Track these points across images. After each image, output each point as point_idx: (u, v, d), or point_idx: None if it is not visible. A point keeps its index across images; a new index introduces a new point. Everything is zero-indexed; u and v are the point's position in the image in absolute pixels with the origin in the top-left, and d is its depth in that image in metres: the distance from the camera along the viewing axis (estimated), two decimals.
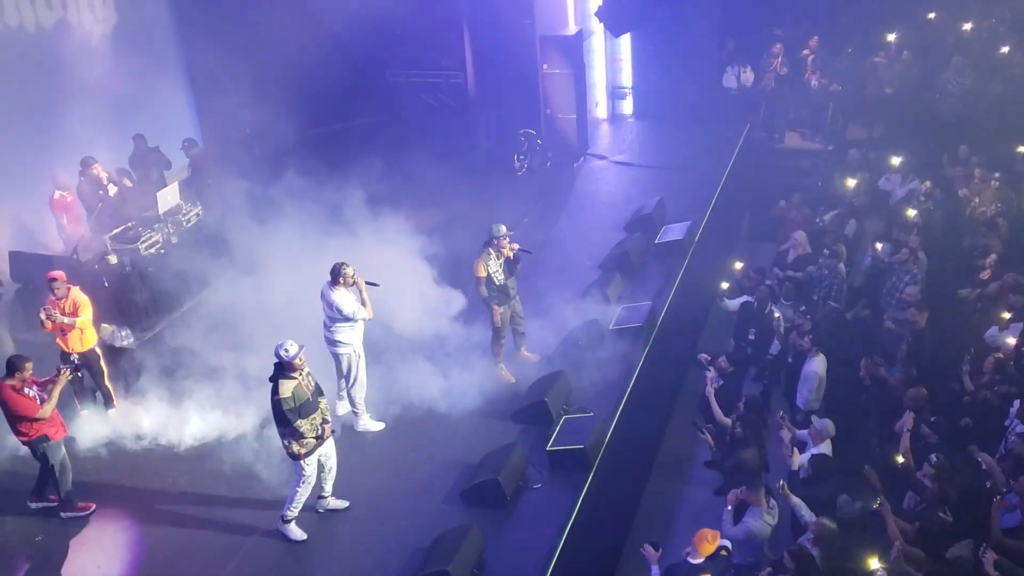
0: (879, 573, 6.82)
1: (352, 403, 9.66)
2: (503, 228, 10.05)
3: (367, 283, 9.32)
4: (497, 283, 9.99)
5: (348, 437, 9.58)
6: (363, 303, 9.17)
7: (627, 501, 9.77)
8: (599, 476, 8.94)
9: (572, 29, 16.30)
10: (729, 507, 7.95)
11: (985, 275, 10.81)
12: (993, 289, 10.51)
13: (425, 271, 10.89)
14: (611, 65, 18.29)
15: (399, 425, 9.72)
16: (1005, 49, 15.21)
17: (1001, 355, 9.25)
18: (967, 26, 15.82)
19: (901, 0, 16.70)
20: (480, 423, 9.71)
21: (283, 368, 7.75)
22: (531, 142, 15.99)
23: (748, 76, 17.24)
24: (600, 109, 18.38)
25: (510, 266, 10.08)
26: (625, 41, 17.87)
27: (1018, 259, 10.94)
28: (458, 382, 10.02)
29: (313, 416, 7.88)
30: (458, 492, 8.75)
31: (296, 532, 8.28)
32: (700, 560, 7.16)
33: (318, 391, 8.01)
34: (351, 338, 9.28)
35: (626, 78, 18.42)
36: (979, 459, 8.12)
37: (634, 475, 10.10)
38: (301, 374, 7.81)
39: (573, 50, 16.01)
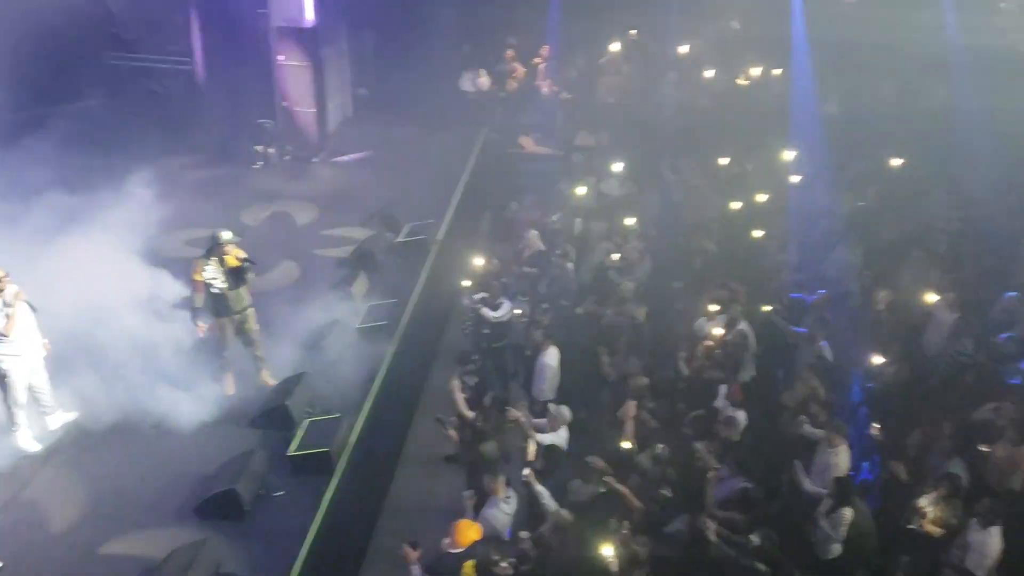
0: (611, 560, 7.28)
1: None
2: (227, 234, 9.48)
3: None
4: (215, 291, 9.45)
5: (63, 454, 8.72)
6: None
7: (373, 501, 9.68)
8: (345, 478, 8.78)
9: (310, 21, 15.91)
10: (468, 501, 8.10)
11: (695, 274, 11.85)
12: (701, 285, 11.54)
13: (148, 270, 10.14)
14: (353, 60, 18.07)
15: (118, 438, 8.98)
16: (711, 73, 16.78)
17: (710, 343, 10.20)
18: (683, 49, 17.29)
19: (623, 15, 17.89)
20: (215, 431, 9.22)
21: None
22: (270, 134, 15.46)
23: (484, 80, 17.73)
24: (341, 104, 18.09)
25: (235, 276, 9.51)
26: (366, 37, 17.75)
27: (727, 258, 12.08)
28: (188, 388, 9.43)
29: None
30: (191, 506, 8.23)
31: None
32: (461, 550, 7.24)
33: None
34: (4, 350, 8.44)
35: (368, 74, 18.28)
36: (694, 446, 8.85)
37: (380, 474, 10.03)
38: None
39: (310, 43, 15.64)
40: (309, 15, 15.87)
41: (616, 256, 11.88)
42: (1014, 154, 13.73)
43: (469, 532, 7.31)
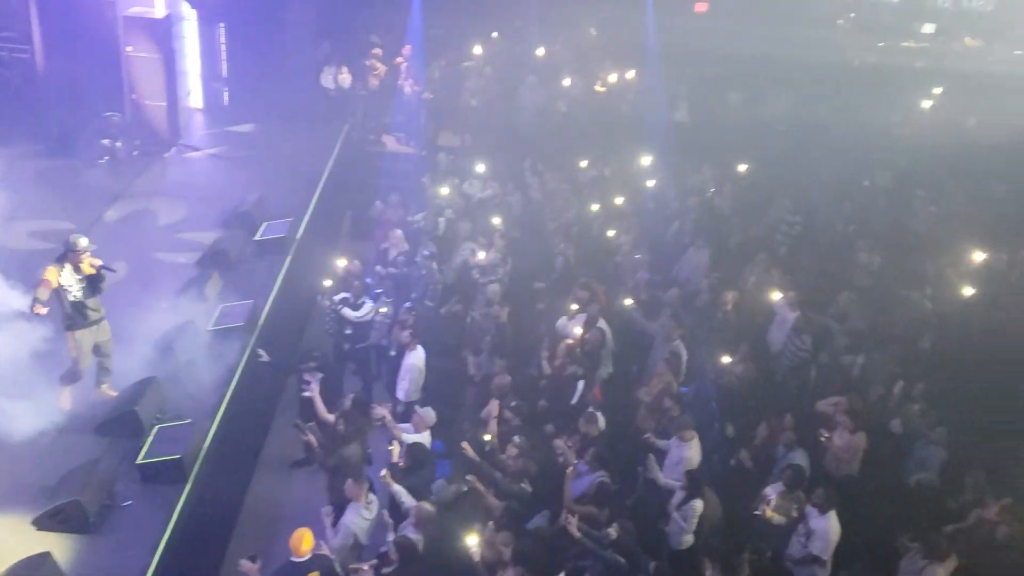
0: (475, 549, 7.35)
1: None
2: (84, 241, 8.95)
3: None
4: (72, 300, 8.89)
5: None
6: None
7: (229, 509, 9.38)
8: (198, 485, 8.50)
9: (160, 12, 15.26)
10: (327, 518, 7.97)
11: (556, 275, 12.11)
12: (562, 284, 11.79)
13: None
14: (207, 54, 17.43)
15: None
16: (569, 79, 17.13)
17: (571, 342, 10.42)
18: (540, 51, 17.59)
19: (484, 18, 18.04)
20: (57, 440, 8.71)
21: None
22: (118, 127, 14.72)
23: (345, 77, 17.48)
24: (194, 98, 17.43)
25: (92, 284, 9.01)
26: (221, 30, 17.17)
27: (586, 259, 12.37)
28: (24, 394, 8.83)
29: None
30: (29, 520, 7.74)
31: None
32: (304, 559, 7.11)
33: None
34: None
35: (223, 68, 17.67)
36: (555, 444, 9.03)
37: (237, 481, 9.73)
38: None
39: (161, 34, 15.00)
40: (159, 5, 15.23)
41: (480, 256, 11.97)
42: (849, 162, 14.69)
43: (305, 541, 7.20)
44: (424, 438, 9.04)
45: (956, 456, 9.34)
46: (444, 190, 13.82)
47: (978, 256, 12.03)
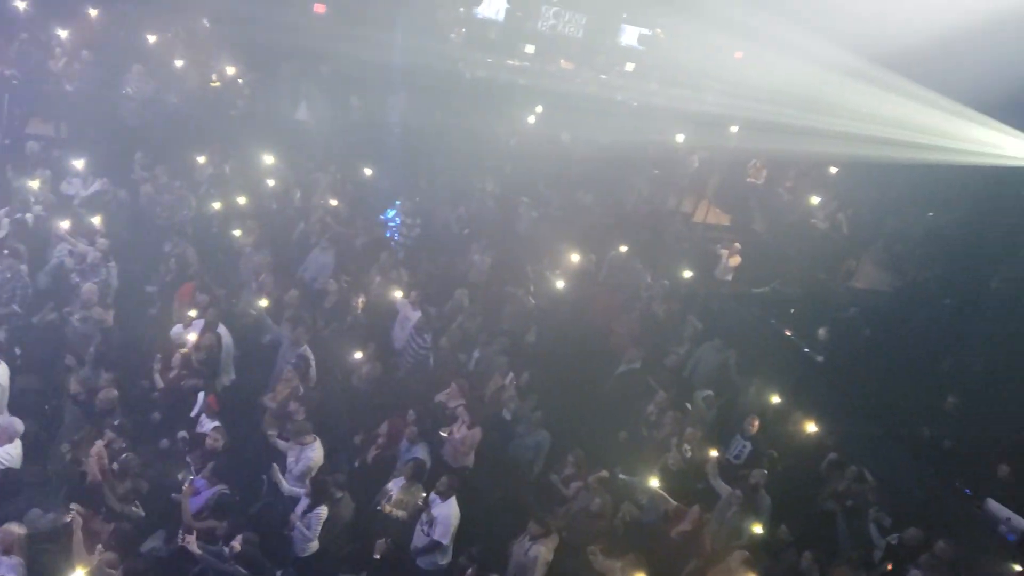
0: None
1: None
2: None
3: None
4: None
5: None
6: None
7: None
8: None
9: None
10: None
11: (170, 277, 11.40)
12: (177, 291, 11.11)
13: None
14: None
15: None
16: (180, 63, 16.12)
17: (186, 351, 9.84)
18: (152, 38, 16.36)
19: None
20: None
21: None
22: None
23: None
24: None
25: None
26: None
27: (204, 260, 11.73)
28: None
29: None
30: None
31: None
32: None
33: None
34: None
35: None
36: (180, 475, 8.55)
37: None
38: None
39: None
40: None
41: (80, 257, 10.84)
42: (463, 168, 15.60)
43: None
44: (11, 455, 8.01)
45: (558, 436, 10.35)
46: (34, 183, 12.27)
47: (572, 257, 13.44)
